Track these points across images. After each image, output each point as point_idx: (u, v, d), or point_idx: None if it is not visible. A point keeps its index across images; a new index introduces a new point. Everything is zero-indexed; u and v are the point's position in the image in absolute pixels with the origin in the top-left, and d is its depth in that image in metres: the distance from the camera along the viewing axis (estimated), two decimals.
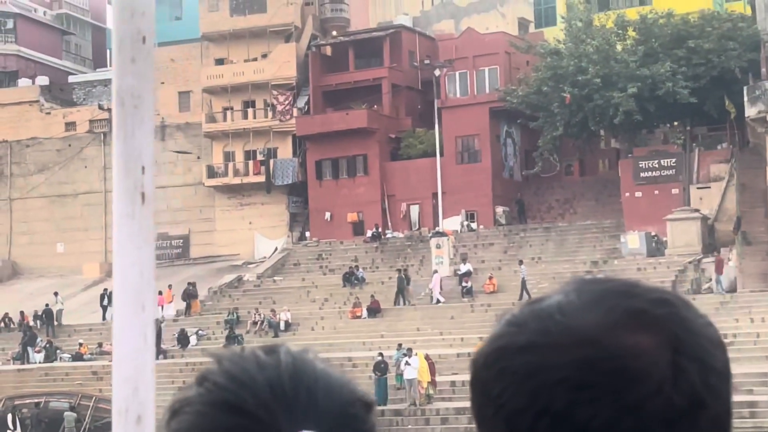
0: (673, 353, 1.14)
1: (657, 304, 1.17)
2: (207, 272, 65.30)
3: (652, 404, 1.12)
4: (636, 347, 1.13)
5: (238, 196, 68.24)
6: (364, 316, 50.03)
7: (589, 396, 1.11)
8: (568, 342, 1.14)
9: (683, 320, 1.17)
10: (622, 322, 1.15)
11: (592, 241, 56.80)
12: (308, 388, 1.06)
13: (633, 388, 1.12)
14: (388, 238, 62.00)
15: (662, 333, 1.15)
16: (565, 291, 1.21)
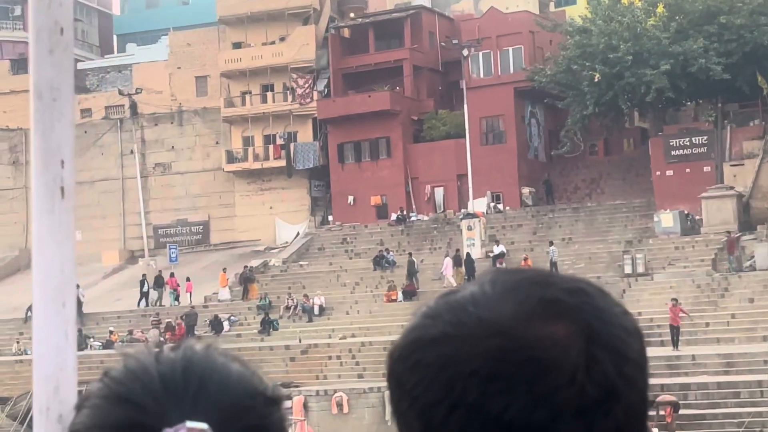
0: (586, 343, 1.12)
1: (571, 293, 1.16)
2: (229, 258, 64.66)
3: (564, 394, 1.10)
4: (549, 337, 1.11)
5: (258, 181, 67.56)
6: (399, 299, 49.44)
7: (502, 387, 1.10)
8: (481, 333, 1.12)
9: (597, 309, 1.15)
10: (535, 312, 1.13)
11: (623, 220, 56.25)
12: (200, 380, 1.07)
13: (545, 378, 1.10)
14: (413, 221, 61.39)
15: (576, 323, 1.13)
16: (480, 282, 1.19)
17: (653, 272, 47.81)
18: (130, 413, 1.05)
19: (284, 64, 66.19)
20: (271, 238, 66.29)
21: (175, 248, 62.01)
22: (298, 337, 45.78)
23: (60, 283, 1.91)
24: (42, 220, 1.92)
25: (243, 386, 1.11)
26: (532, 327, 1.12)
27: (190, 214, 68.71)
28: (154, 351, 1.11)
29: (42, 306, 1.94)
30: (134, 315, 54.61)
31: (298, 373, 42.91)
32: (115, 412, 1.06)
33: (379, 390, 30.43)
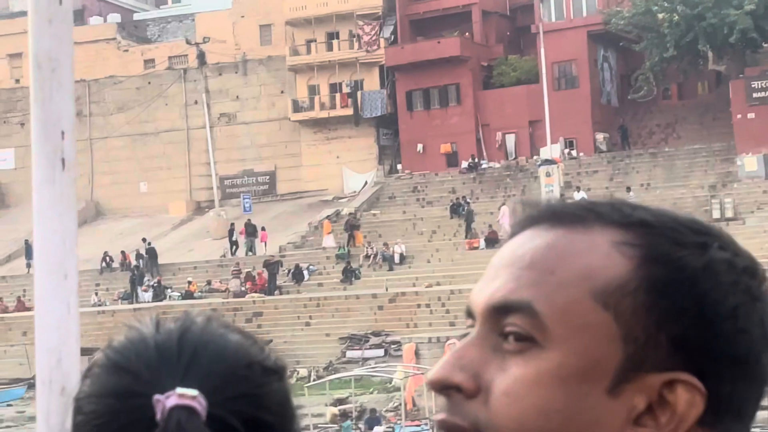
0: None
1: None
2: (297, 208, 64.26)
3: None
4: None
5: (324, 130, 66.89)
6: (481, 246, 48.82)
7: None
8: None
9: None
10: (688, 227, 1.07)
11: (703, 165, 55.27)
12: (195, 349, 1.09)
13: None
14: (485, 168, 60.61)
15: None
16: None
17: (743, 216, 46.92)
18: (125, 381, 1.07)
19: (350, 11, 65.31)
20: (338, 188, 65.73)
21: (249, 198, 61.66)
22: (385, 285, 45.28)
23: (61, 255, 1.89)
24: (42, 191, 1.92)
25: (239, 355, 1.11)
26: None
27: (255, 164, 68.19)
28: (155, 321, 1.12)
29: (43, 278, 1.92)
30: (210, 265, 54.30)
31: (387, 322, 42.48)
32: (111, 381, 1.08)
33: None
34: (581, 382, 1.02)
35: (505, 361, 1.03)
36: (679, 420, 1.02)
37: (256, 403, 1.10)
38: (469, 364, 1.04)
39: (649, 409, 1.02)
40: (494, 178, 59.75)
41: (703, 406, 1.02)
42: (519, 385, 1.02)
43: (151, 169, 70.07)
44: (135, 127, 70.19)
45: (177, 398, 1.05)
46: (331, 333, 42.77)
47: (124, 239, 63.45)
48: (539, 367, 1.02)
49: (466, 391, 1.03)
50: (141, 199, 69.67)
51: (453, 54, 61.79)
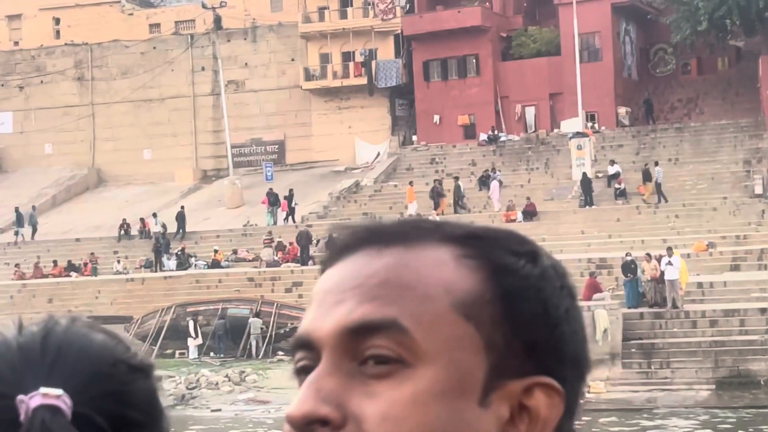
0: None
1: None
2: (309, 178, 63.11)
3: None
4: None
5: (336, 100, 65.70)
6: (519, 219, 47.98)
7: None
8: None
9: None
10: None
11: (731, 141, 54.72)
12: (58, 349, 1.09)
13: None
14: (503, 140, 59.76)
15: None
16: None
17: None
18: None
19: None
20: (350, 158, 64.63)
21: (271, 166, 60.46)
22: None
23: None
24: None
25: (104, 354, 1.10)
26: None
27: (264, 133, 66.91)
28: (18, 323, 1.12)
29: None
30: (234, 234, 53.08)
31: None
32: None
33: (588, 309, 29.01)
34: (457, 396, 1.01)
35: (369, 387, 1.01)
36: (542, 424, 1.02)
37: (122, 400, 1.09)
38: (329, 395, 1.01)
39: (512, 416, 1.03)
40: (515, 150, 58.89)
41: (563, 407, 1.03)
42: (398, 408, 1.00)
43: (156, 136, 68.58)
44: (139, 93, 68.60)
45: (41, 398, 1.04)
46: None
47: (132, 207, 62.02)
48: (415, 387, 1.00)
49: (334, 423, 1.00)
50: (145, 166, 68.17)
51: (474, 24, 60.83)
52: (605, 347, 28.65)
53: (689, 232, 43.91)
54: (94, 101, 69.72)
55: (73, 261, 52.11)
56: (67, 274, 51.13)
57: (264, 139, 66.92)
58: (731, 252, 37.96)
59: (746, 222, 43.90)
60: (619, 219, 46.72)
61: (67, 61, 70.20)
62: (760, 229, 43.01)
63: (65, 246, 55.31)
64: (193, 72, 68.19)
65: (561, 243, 45.17)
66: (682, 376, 28.80)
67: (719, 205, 45.94)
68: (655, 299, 31.27)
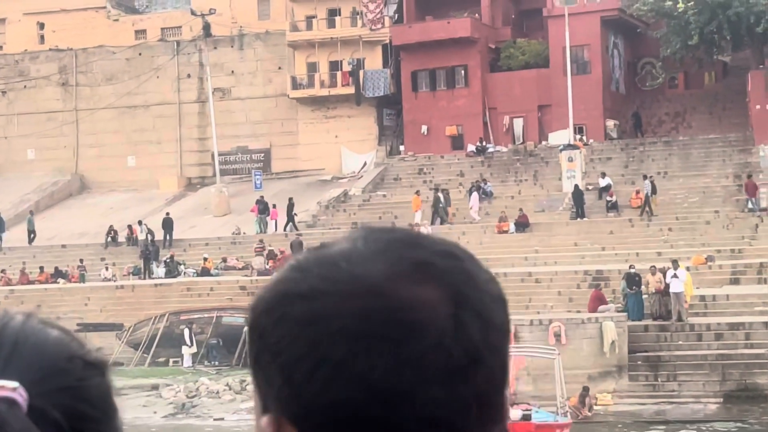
0: (455, 307, 1.11)
1: (442, 256, 1.15)
2: (295, 186, 62.83)
3: (431, 357, 1.09)
4: (418, 299, 1.10)
5: (323, 109, 65.51)
6: (511, 230, 47.95)
7: (368, 346, 1.09)
8: (351, 291, 1.11)
9: (467, 274, 1.14)
10: (406, 273, 1.12)
11: (720, 155, 54.94)
12: (14, 343, 1.10)
13: (412, 340, 1.09)
14: (491, 152, 59.76)
15: (446, 286, 1.12)
16: (352, 238, 1.18)
17: None
18: None
19: None
20: (336, 168, 64.46)
21: (260, 174, 60.18)
22: None
23: None
24: None
25: (60, 349, 1.11)
26: (403, 288, 1.10)
27: (250, 141, 66.63)
28: None
29: None
30: (223, 242, 52.81)
31: None
32: None
33: (596, 321, 29.02)
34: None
35: None
36: None
37: (77, 395, 1.10)
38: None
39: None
40: (503, 162, 58.91)
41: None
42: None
43: (140, 143, 68.17)
44: (124, 100, 68.18)
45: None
46: None
47: (117, 214, 61.62)
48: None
49: None
50: (129, 173, 67.73)
51: (463, 35, 60.84)
52: (612, 359, 28.61)
53: (683, 246, 43.99)
54: (78, 107, 69.25)
55: (60, 267, 51.67)
56: (54, 281, 50.69)
57: (250, 148, 66.65)
58: (730, 266, 38.05)
59: (740, 236, 44.03)
60: (612, 231, 46.76)
61: (51, 66, 69.71)
62: (753, 243, 43.16)
63: (51, 252, 54.87)
64: (179, 79, 67.84)
65: (555, 255, 45.25)
66: (689, 389, 28.80)
67: (712, 219, 46.07)
68: (659, 312, 31.27)
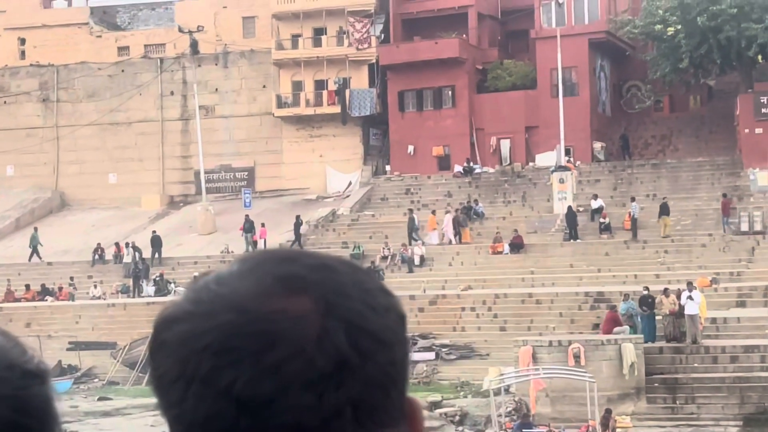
0: (323, 316, 1.14)
1: (314, 269, 1.18)
2: (280, 206, 62.52)
3: (291, 365, 1.12)
4: (281, 311, 1.14)
5: (308, 128, 65.23)
6: (505, 251, 47.82)
7: (231, 360, 1.12)
8: (216, 309, 1.14)
9: (339, 284, 1.17)
10: (271, 288, 1.15)
11: (709, 178, 55.14)
12: None
13: (272, 350, 1.12)
14: (478, 173, 59.69)
15: (314, 297, 1.15)
16: (235, 261, 1.22)
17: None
18: None
19: (341, 7, 63.80)
20: (320, 187, 64.16)
21: (249, 193, 59.76)
22: (423, 287, 44.01)
23: None
24: None
25: (2, 359, 1.11)
26: (267, 302, 1.13)
27: (233, 159, 66.22)
28: None
29: None
30: (212, 261, 52.22)
31: (430, 324, 41.22)
32: None
33: (615, 342, 28.89)
34: None
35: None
36: None
37: (15, 405, 1.09)
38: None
39: None
40: (490, 183, 58.87)
41: None
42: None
43: (122, 161, 67.59)
44: (106, 116, 67.61)
45: None
46: None
47: (99, 231, 61.03)
48: None
49: None
50: (110, 190, 67.11)
51: (451, 55, 60.82)
52: (631, 381, 28.47)
53: (680, 268, 44.04)
54: (59, 123, 68.59)
55: (47, 285, 51.00)
56: (41, 299, 50.01)
57: (233, 166, 66.23)
58: (736, 288, 38.08)
59: (736, 258, 44.13)
60: (608, 253, 46.75)
61: (32, 82, 69.04)
62: (751, 266, 43.26)
63: (36, 270, 54.19)
64: (162, 96, 67.37)
65: (551, 276, 45.17)
66: (708, 411, 28.71)
67: (708, 242, 46.16)
68: (673, 334, 31.20)
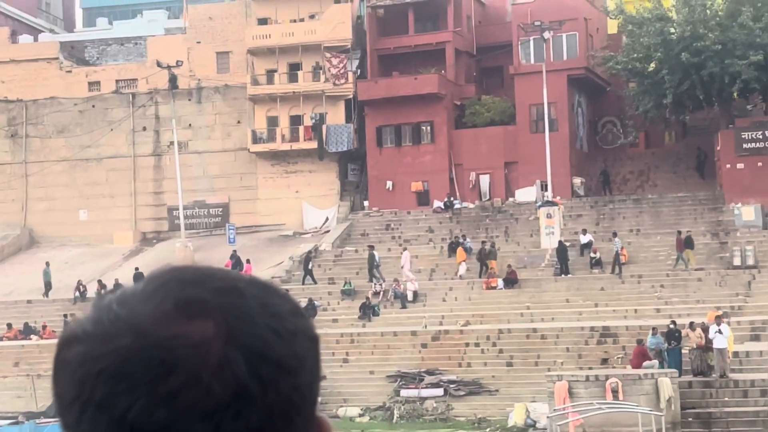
0: (224, 343, 1.11)
1: (220, 293, 1.14)
2: (256, 242, 61.99)
3: (187, 394, 1.09)
4: (180, 336, 1.10)
5: (283, 163, 64.79)
6: (500, 287, 47.65)
7: (126, 386, 1.09)
8: (114, 332, 1.11)
9: (243, 309, 1.14)
10: (172, 311, 1.12)
11: (691, 213, 55.50)
12: None
13: (168, 378, 1.09)
14: (458, 208, 59.62)
15: (217, 322, 1.12)
16: (143, 280, 1.19)
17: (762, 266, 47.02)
18: None
19: (317, 43, 63.58)
20: (297, 223, 63.69)
21: (233, 228, 59.05)
22: (424, 323, 43.64)
23: None
24: None
25: None
26: (166, 327, 1.10)
27: (208, 195, 65.55)
28: None
29: None
30: None
31: (435, 360, 40.85)
32: None
33: (652, 377, 28.73)
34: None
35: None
36: None
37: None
38: None
39: None
40: (471, 218, 58.79)
41: None
42: None
43: (93, 197, 66.62)
44: (76, 152, 66.67)
45: None
46: (376, 371, 40.85)
47: (73, 269, 60.06)
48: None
49: None
50: (80, 227, 66.08)
51: (431, 91, 60.83)
52: (668, 416, 28.31)
53: (677, 303, 44.16)
54: (28, 159, 67.50)
55: (29, 323, 49.95)
56: (24, 337, 48.95)
57: (207, 202, 65.54)
58: (748, 322, 38.16)
59: (734, 293, 44.30)
60: (603, 288, 46.74)
61: (0, 117, 67.90)
62: (749, 300, 43.46)
63: (16, 308, 53.10)
64: (134, 132, 66.58)
65: (549, 311, 45.02)
66: None
67: (704, 276, 46.33)
68: (700, 368, 31.14)
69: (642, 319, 42.06)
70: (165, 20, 77.71)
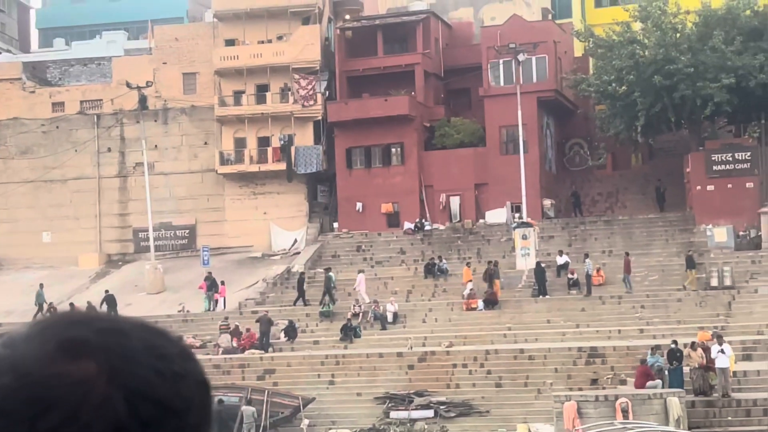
0: (106, 383, 1.14)
1: (104, 333, 1.17)
2: (224, 264, 61.41)
3: (65, 431, 1.12)
4: (61, 375, 1.14)
5: (251, 185, 64.45)
6: (480, 308, 47.65)
7: (5, 423, 1.12)
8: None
9: (127, 350, 1.17)
10: (53, 352, 1.15)
11: (662, 234, 55.95)
12: None
13: (46, 416, 1.12)
14: (428, 230, 59.63)
15: (100, 362, 1.15)
16: (29, 325, 1.22)
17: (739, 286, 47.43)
18: None
19: (285, 64, 63.38)
20: (264, 244, 63.32)
21: (207, 250, 58.49)
22: (410, 344, 43.50)
23: None
24: None
25: None
26: (47, 366, 1.13)
27: (174, 217, 64.96)
28: None
29: None
30: (173, 320, 50.96)
31: (423, 382, 40.71)
32: None
33: (661, 396, 28.81)
34: None
35: None
36: None
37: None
38: None
39: None
40: (443, 240, 58.82)
41: None
42: None
43: (56, 219, 65.80)
44: (39, 173, 65.83)
45: None
46: (363, 393, 40.62)
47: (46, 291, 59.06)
48: None
49: None
50: (44, 249, 65.21)
51: (401, 112, 60.88)
52: None
53: (659, 323, 44.43)
54: None
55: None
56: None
57: (174, 224, 64.97)
58: (739, 342, 38.43)
59: (714, 313, 44.65)
60: (584, 309, 46.88)
61: None
62: (730, 320, 43.81)
63: None
64: (99, 153, 65.89)
65: (531, 332, 45.06)
66: None
67: (683, 297, 46.66)
68: (702, 387, 31.29)
69: (627, 339, 42.26)
70: (125, 41, 77.20)
